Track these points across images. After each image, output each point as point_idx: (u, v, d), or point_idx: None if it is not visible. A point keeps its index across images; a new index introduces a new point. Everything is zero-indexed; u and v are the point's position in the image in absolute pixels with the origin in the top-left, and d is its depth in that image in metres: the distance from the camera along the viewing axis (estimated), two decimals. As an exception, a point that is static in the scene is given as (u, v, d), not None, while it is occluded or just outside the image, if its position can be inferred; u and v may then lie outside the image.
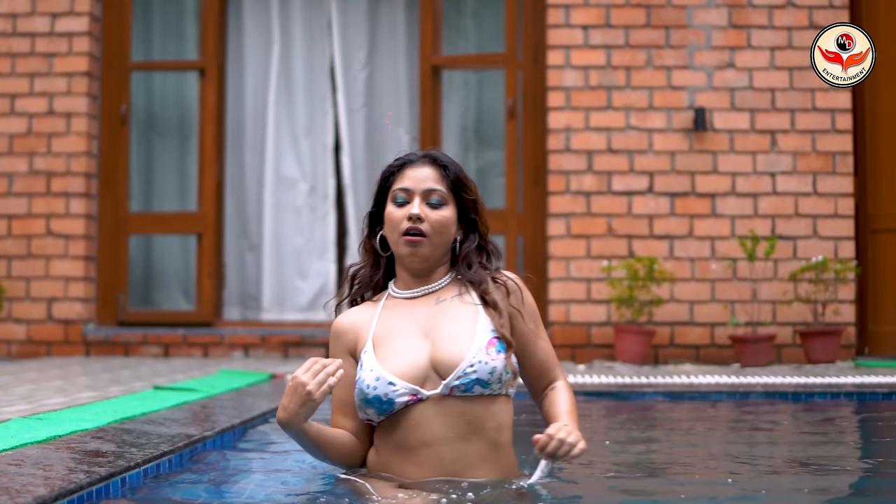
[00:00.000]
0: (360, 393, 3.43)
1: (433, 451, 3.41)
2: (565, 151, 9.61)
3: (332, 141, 10.69)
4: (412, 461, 3.43)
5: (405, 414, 3.42)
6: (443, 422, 3.41)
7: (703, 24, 9.67)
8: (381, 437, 3.51)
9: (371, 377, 3.41)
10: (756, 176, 9.58)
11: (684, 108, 9.63)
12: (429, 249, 3.53)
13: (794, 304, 9.38)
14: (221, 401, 5.93)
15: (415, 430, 3.42)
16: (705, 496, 3.61)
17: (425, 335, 3.49)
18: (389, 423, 3.45)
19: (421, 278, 3.60)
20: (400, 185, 3.57)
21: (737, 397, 7.08)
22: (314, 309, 10.64)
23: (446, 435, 3.41)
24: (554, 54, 9.70)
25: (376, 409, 3.42)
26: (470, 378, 3.40)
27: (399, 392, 3.39)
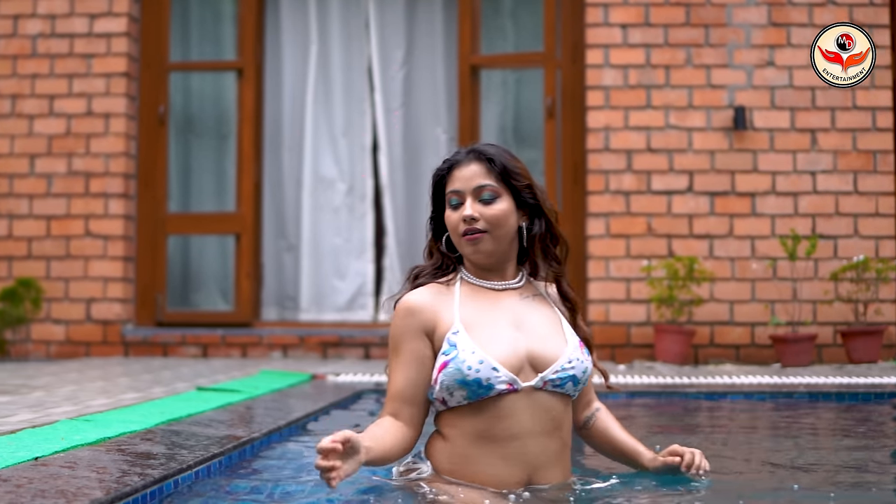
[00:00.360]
0: (456, 373, 3.30)
1: (521, 444, 3.36)
2: (605, 151, 9.57)
3: (370, 141, 10.69)
4: (498, 453, 3.35)
5: (495, 403, 3.34)
6: (531, 415, 3.37)
7: (742, 22, 9.62)
8: (457, 426, 3.40)
9: (474, 359, 3.31)
10: (796, 175, 9.52)
11: (724, 107, 9.58)
12: (490, 245, 3.47)
13: (834, 304, 9.32)
14: (265, 402, 5.92)
15: (504, 421, 3.34)
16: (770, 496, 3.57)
17: (517, 327, 3.44)
18: (473, 411, 3.36)
19: (493, 272, 3.55)
20: (451, 188, 3.53)
21: (780, 398, 7.03)
22: (352, 309, 10.64)
23: (533, 428, 3.37)
24: (593, 53, 9.67)
25: (468, 393, 3.32)
26: (567, 374, 3.40)
27: (501, 379, 3.32)
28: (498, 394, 3.33)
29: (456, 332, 3.37)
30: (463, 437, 3.39)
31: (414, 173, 10.70)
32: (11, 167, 10.10)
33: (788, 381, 7.52)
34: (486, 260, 3.50)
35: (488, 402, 3.34)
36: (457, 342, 3.34)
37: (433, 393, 3.38)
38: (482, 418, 3.35)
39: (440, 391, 3.35)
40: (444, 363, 3.34)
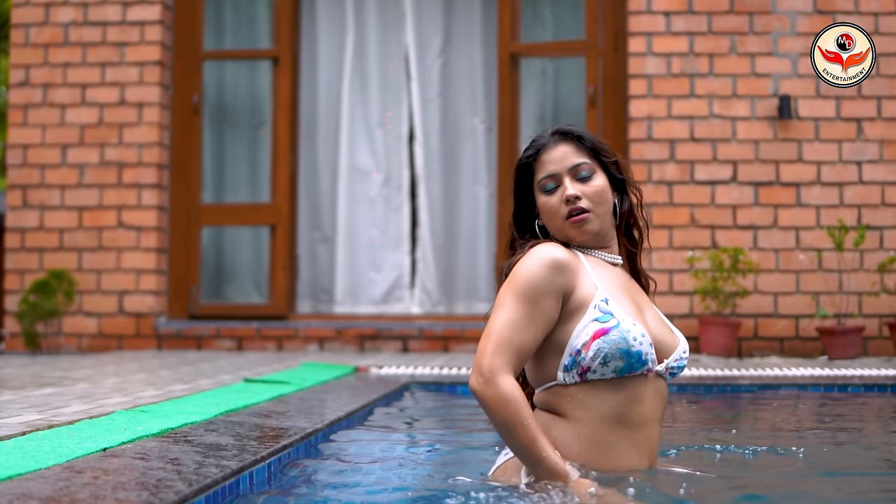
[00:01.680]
0: (621, 342, 3.11)
1: (648, 430, 3.22)
2: (647, 140, 9.42)
3: (407, 131, 10.55)
4: (632, 439, 3.19)
5: (634, 385, 3.19)
6: (653, 400, 3.24)
7: (787, 9, 9.46)
8: (591, 407, 3.18)
9: (637, 330, 3.15)
10: (842, 165, 9.36)
11: (768, 96, 9.42)
12: (597, 224, 3.32)
13: (881, 296, 9.16)
14: (316, 393, 5.79)
15: (639, 405, 3.20)
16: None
17: (638, 309, 3.29)
18: (613, 391, 3.17)
19: (602, 248, 3.40)
20: (544, 174, 3.38)
21: (835, 390, 6.90)
22: (388, 302, 10.51)
23: (655, 414, 3.25)
24: (635, 41, 9.52)
25: (624, 365, 3.14)
26: (683, 363, 3.31)
27: (652, 357, 3.19)
28: (638, 374, 3.18)
29: (606, 300, 3.18)
30: (598, 421, 3.17)
31: (451, 164, 10.56)
32: (43, 157, 9.98)
33: (846, 372, 7.37)
34: (593, 241, 3.34)
35: (628, 382, 3.17)
36: (612, 311, 3.16)
37: (575, 361, 3.15)
38: (621, 400, 3.18)
39: (591, 360, 3.13)
40: (603, 330, 3.13)
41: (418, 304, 10.46)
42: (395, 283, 10.52)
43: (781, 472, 3.67)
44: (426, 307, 10.44)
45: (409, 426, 5.50)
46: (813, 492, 3.36)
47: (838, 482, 3.58)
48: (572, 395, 3.19)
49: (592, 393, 3.18)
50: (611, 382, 3.16)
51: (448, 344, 9.55)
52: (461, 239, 10.53)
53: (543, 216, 3.39)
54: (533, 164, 3.41)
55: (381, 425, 5.27)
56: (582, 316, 3.16)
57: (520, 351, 3.12)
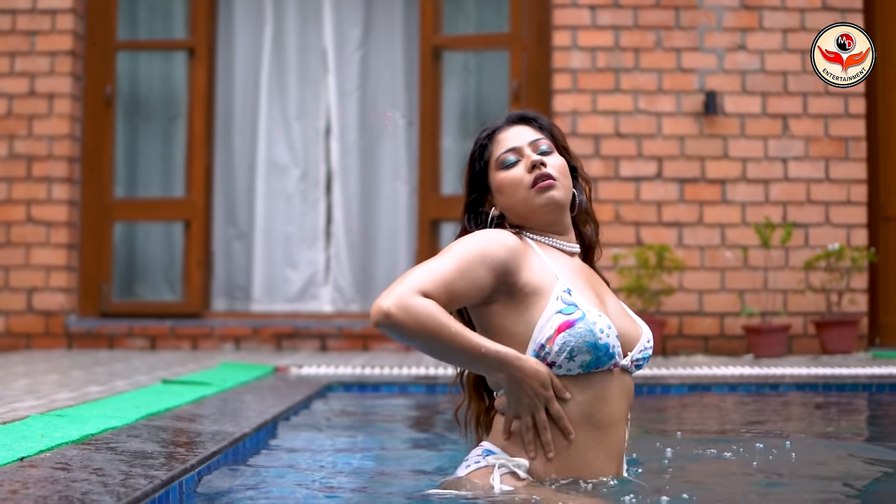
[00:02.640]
0: (588, 335, 2.93)
1: (616, 431, 3.05)
2: (571, 136, 9.26)
3: (324, 125, 10.30)
4: (600, 441, 3.01)
5: (599, 383, 3.01)
6: (620, 399, 3.07)
7: (714, 4, 9.36)
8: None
9: (603, 322, 2.98)
10: (767, 161, 9.28)
11: (694, 92, 9.32)
12: (562, 193, 3.15)
13: (806, 294, 9.09)
14: (237, 394, 5.57)
15: (606, 405, 3.02)
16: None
17: (600, 300, 3.12)
18: (581, 389, 2.99)
19: (559, 235, 3.22)
20: (504, 148, 3.22)
21: (766, 389, 6.81)
22: (303, 300, 10.26)
23: (622, 414, 3.08)
24: (560, 35, 9.36)
25: (591, 360, 2.95)
26: (649, 352, 3.15)
27: (618, 350, 3.02)
28: (604, 370, 3.00)
29: (569, 291, 3.01)
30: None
31: (370, 158, 10.32)
32: (-51, 150, 9.63)
33: (777, 371, 7.28)
34: (559, 213, 3.17)
35: (595, 380, 2.99)
36: (576, 302, 2.99)
37: (539, 356, 2.96)
38: (589, 399, 3.00)
39: (556, 354, 2.95)
40: (568, 322, 2.95)
41: (330, 303, 10.21)
42: (309, 281, 10.26)
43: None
44: (338, 305, 10.19)
45: (335, 428, 5.29)
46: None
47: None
48: None
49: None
50: (577, 380, 2.98)
51: (367, 343, 9.34)
52: (380, 236, 10.29)
53: (504, 193, 3.20)
54: (488, 146, 3.25)
55: (308, 428, 5.08)
56: (544, 307, 2.98)
57: (439, 287, 2.91)
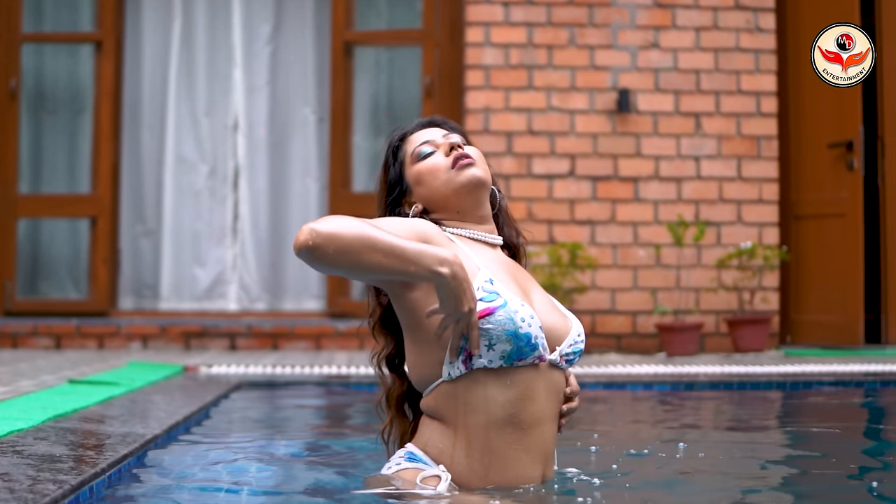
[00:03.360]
0: (508, 323, 2.84)
1: (542, 431, 2.95)
2: (484, 133, 9.20)
3: (233, 121, 10.13)
4: (523, 443, 2.92)
5: (523, 380, 2.91)
6: (547, 396, 2.97)
7: (627, 2, 9.33)
8: (475, 409, 2.90)
9: (525, 312, 2.89)
10: (680, 160, 9.27)
11: (607, 89, 9.29)
12: (483, 172, 3.13)
13: (719, 292, 9.10)
14: (146, 394, 5.42)
15: (531, 403, 2.92)
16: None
17: (525, 293, 3.03)
18: (498, 388, 2.89)
19: (479, 225, 3.16)
20: (419, 142, 3.19)
21: (681, 388, 6.78)
22: (211, 298, 10.08)
23: (549, 413, 2.99)
24: (473, 31, 9.29)
25: (512, 350, 2.86)
26: (579, 346, 3.06)
27: (542, 342, 2.92)
28: (528, 364, 2.90)
29: (490, 281, 2.93)
30: (485, 427, 2.90)
31: (279, 155, 10.16)
32: None
33: (692, 370, 7.27)
34: (481, 193, 3.13)
35: (518, 377, 2.90)
36: (498, 291, 2.90)
37: (463, 347, 2.87)
38: (511, 398, 2.90)
39: (480, 340, 2.86)
40: (489, 310, 2.85)
41: (236, 301, 10.04)
42: (217, 279, 10.09)
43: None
44: (244, 304, 10.03)
45: (248, 429, 5.17)
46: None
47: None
48: (458, 395, 2.91)
49: (478, 392, 2.90)
50: (499, 376, 2.89)
51: (278, 342, 9.20)
52: (290, 233, 10.12)
53: (423, 182, 3.17)
54: (401, 146, 3.23)
55: (220, 428, 4.96)
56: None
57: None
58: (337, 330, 9.18)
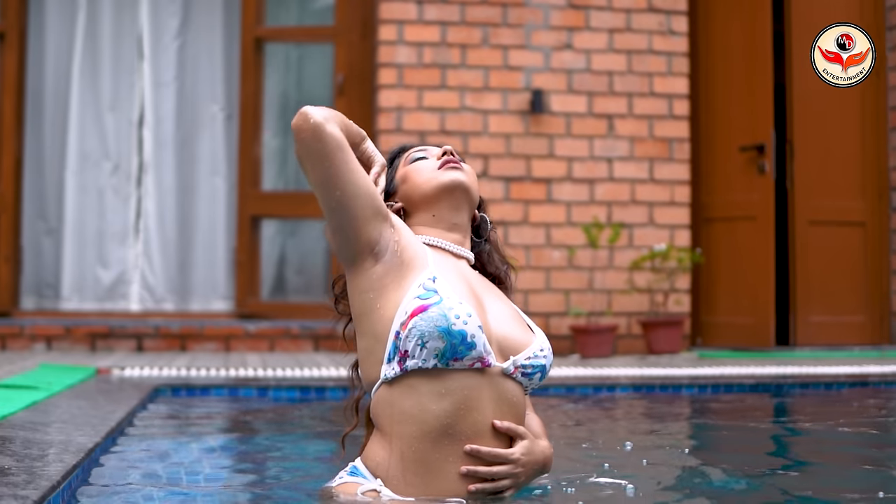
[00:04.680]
0: (440, 319, 2.75)
1: (486, 444, 2.83)
2: (397, 132, 9.10)
3: (138, 116, 9.91)
4: (462, 457, 2.80)
5: (462, 387, 2.80)
6: (496, 407, 2.85)
7: (541, 3, 9.29)
8: (414, 420, 2.80)
9: (462, 310, 2.80)
10: (593, 161, 9.26)
11: (521, 90, 9.24)
12: (469, 180, 3.12)
13: (632, 294, 9.10)
14: (69, 399, 5.22)
15: (472, 413, 2.81)
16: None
17: (478, 303, 2.93)
18: (437, 397, 2.79)
19: (450, 233, 3.10)
20: (415, 151, 3.22)
21: (604, 390, 6.76)
22: (113, 298, 9.84)
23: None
24: (386, 29, 9.18)
25: (445, 349, 2.76)
26: (541, 361, 2.94)
27: (482, 342, 2.82)
28: (468, 369, 2.80)
29: (434, 279, 2.86)
30: (419, 438, 2.79)
31: (186, 152, 9.95)
32: None
33: (614, 372, 7.25)
34: (461, 197, 3.09)
35: (457, 383, 2.80)
36: (437, 288, 2.83)
37: (395, 347, 2.81)
38: (447, 408, 2.79)
39: (409, 340, 2.78)
40: (422, 307, 2.79)
41: (138, 302, 9.82)
42: (120, 279, 9.84)
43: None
44: (148, 304, 9.81)
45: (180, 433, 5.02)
46: None
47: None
48: (393, 403, 2.83)
49: (412, 399, 2.81)
50: (434, 383, 2.79)
51: (186, 343, 9.01)
52: (197, 232, 9.92)
53: (408, 180, 3.15)
54: (398, 156, 3.27)
55: (149, 433, 4.80)
56: (405, 293, 2.84)
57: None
58: (247, 331, 9.02)
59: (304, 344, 9.00)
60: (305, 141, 2.87)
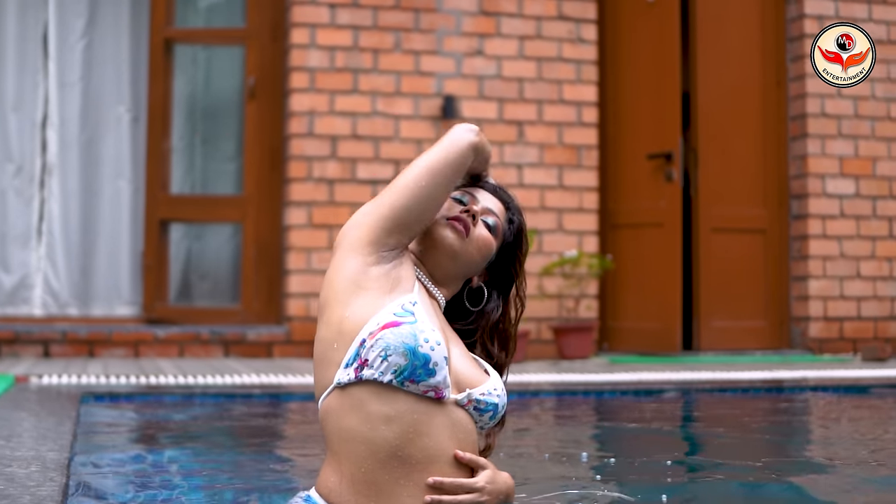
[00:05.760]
0: (409, 338, 2.72)
1: (437, 469, 2.78)
2: (308, 136, 9.06)
3: (42, 116, 9.71)
4: (413, 479, 2.76)
5: (414, 412, 2.76)
6: (449, 436, 2.81)
7: (453, 8, 9.32)
8: (365, 441, 2.76)
9: (433, 337, 2.77)
10: (503, 167, 9.30)
11: (432, 95, 9.26)
12: (464, 249, 2.99)
13: (543, 300, 9.16)
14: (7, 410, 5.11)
15: (422, 438, 2.77)
16: None
17: (445, 339, 2.87)
18: (387, 420, 2.75)
19: (433, 279, 3.03)
20: (465, 190, 3.12)
21: (528, 395, 6.80)
22: (15, 303, 9.61)
23: (446, 452, 2.81)
24: (298, 32, 9.13)
25: (404, 368, 2.72)
26: (495, 400, 2.90)
27: (442, 372, 2.78)
28: (420, 394, 2.76)
29: (415, 304, 2.82)
30: (368, 457, 2.74)
31: (91, 154, 9.76)
32: None
33: (536, 378, 7.29)
34: (444, 259, 3.02)
35: (405, 406, 2.75)
36: (415, 312, 2.80)
37: (357, 353, 2.75)
38: (396, 431, 2.75)
39: (371, 349, 2.73)
40: (395, 322, 2.75)
41: (41, 306, 9.62)
42: (20, 284, 9.63)
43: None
44: (51, 309, 9.61)
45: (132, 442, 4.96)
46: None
47: None
48: (341, 416, 2.79)
49: (360, 416, 2.77)
50: (383, 402, 2.76)
51: (94, 349, 8.85)
52: (101, 236, 9.73)
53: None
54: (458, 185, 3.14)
55: (103, 444, 4.72)
56: (383, 306, 2.80)
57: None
58: (156, 337, 8.90)
59: (214, 349, 8.92)
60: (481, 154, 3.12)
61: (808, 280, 9.87)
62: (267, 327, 9.13)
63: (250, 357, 8.87)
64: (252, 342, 8.96)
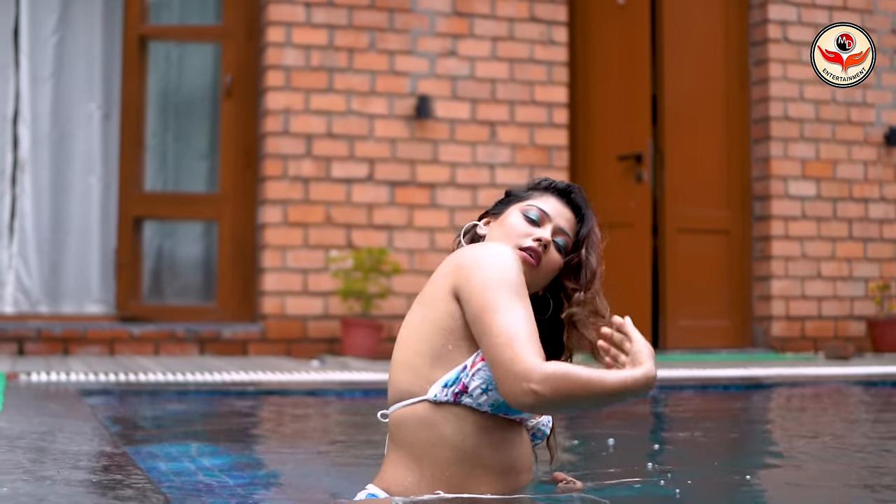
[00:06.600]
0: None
1: (516, 476, 2.96)
2: (283, 134, 9.09)
3: (13, 112, 9.64)
4: (492, 487, 2.87)
5: (502, 426, 2.88)
6: (526, 444, 3.03)
7: (427, 9, 9.39)
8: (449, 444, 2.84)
9: None
10: (476, 167, 9.40)
11: (406, 95, 9.32)
12: (531, 278, 3.00)
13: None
14: (18, 408, 5.09)
15: (507, 449, 2.92)
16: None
17: None
18: (480, 428, 2.84)
19: None
20: (540, 205, 3.11)
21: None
22: (-16, 302, 9.55)
23: (528, 463, 3.02)
24: (274, 31, 9.15)
25: (503, 405, 2.79)
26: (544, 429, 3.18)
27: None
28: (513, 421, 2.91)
29: None
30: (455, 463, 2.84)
31: (62, 151, 9.70)
32: None
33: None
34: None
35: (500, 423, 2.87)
36: None
37: (457, 378, 2.81)
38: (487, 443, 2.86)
39: (474, 378, 2.80)
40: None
41: (12, 304, 9.55)
42: (-8, 280, 9.58)
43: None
44: (22, 307, 9.54)
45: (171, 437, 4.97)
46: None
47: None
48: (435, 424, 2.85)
49: (456, 426, 2.85)
50: (482, 418, 2.85)
51: (69, 346, 8.81)
52: (71, 234, 9.66)
53: (503, 226, 3.10)
54: (534, 194, 3.19)
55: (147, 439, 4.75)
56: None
57: (538, 341, 2.76)
58: (132, 335, 8.88)
59: (190, 347, 8.92)
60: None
61: (771, 280, 10.07)
62: (242, 325, 9.15)
63: (225, 355, 8.88)
64: (227, 340, 8.97)
